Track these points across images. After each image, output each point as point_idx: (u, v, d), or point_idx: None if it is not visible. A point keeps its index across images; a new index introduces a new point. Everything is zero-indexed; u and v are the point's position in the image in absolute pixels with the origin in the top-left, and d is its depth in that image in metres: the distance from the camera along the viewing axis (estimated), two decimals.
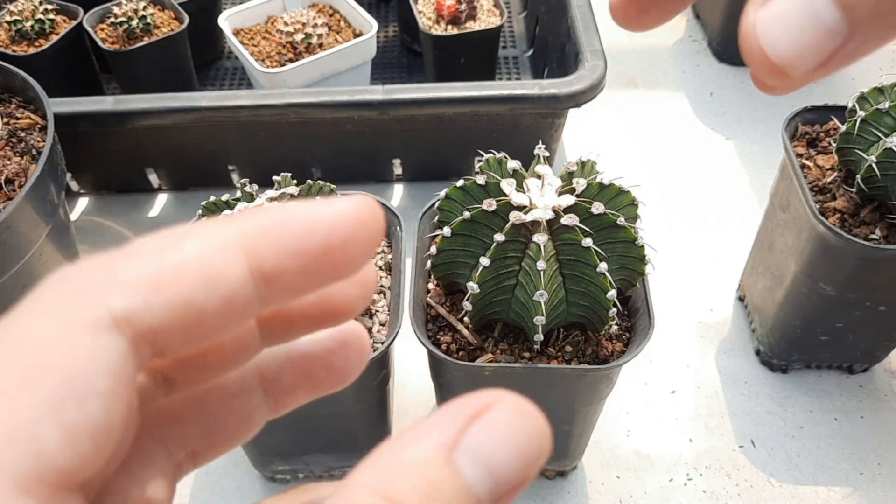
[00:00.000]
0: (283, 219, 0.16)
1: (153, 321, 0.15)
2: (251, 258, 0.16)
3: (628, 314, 0.60)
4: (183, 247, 0.16)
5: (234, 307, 0.16)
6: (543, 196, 0.51)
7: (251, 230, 0.16)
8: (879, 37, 0.16)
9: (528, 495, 0.73)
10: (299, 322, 0.20)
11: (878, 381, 0.82)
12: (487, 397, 0.15)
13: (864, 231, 0.65)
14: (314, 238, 0.16)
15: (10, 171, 0.72)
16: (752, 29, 0.17)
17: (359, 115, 0.90)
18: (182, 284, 0.15)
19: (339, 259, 0.16)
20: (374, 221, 0.17)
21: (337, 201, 0.17)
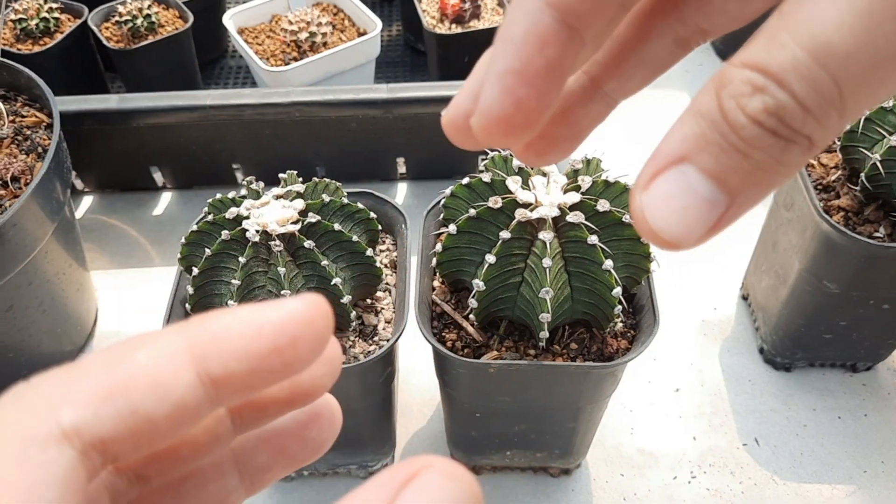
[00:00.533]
0: (231, 323, 0.17)
1: (102, 431, 0.16)
2: (199, 364, 0.16)
3: (633, 312, 0.60)
4: (132, 358, 0.16)
5: (184, 412, 0.16)
6: (549, 193, 0.51)
7: (199, 337, 0.17)
8: (756, 197, 0.17)
9: (532, 493, 0.73)
10: (270, 407, 0.21)
11: (882, 379, 0.82)
12: (418, 463, 0.16)
13: (868, 229, 0.65)
14: (261, 340, 0.17)
15: (17, 168, 0.72)
16: (640, 213, 0.18)
17: (363, 113, 0.90)
18: (130, 394, 0.16)
19: (287, 358, 0.17)
20: (321, 319, 0.17)
21: (285, 302, 0.17)
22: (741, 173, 0.16)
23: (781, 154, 0.16)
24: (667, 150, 0.18)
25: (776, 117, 0.16)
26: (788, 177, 0.17)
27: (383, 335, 0.61)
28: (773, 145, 0.16)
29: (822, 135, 0.16)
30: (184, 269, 0.59)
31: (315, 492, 0.74)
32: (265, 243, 0.53)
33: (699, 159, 0.17)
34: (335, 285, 0.55)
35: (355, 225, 0.59)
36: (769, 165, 0.16)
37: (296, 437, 0.22)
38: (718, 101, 0.16)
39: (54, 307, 0.78)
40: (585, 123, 0.23)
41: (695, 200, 0.17)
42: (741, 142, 0.16)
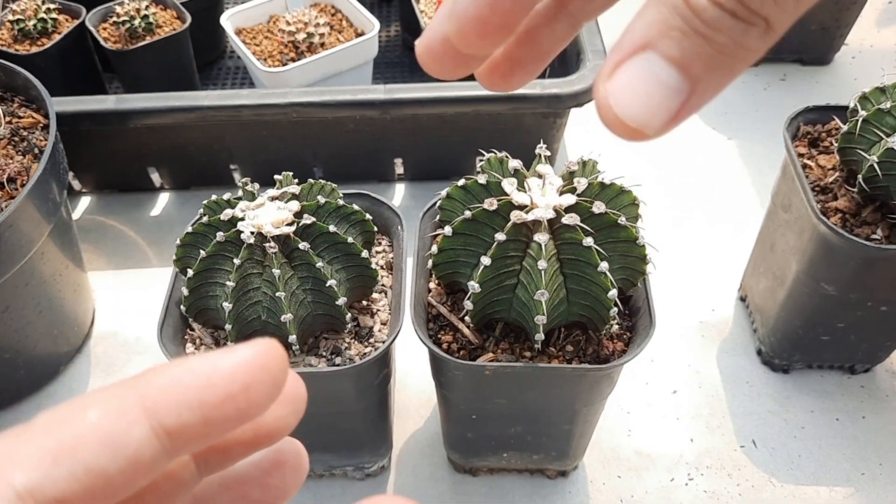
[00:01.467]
0: (181, 374, 0.17)
1: (56, 492, 0.16)
2: (152, 417, 0.17)
3: (629, 314, 0.60)
4: (82, 416, 0.16)
5: (139, 466, 0.16)
6: (545, 195, 0.51)
7: (149, 389, 0.17)
8: (717, 85, 0.18)
9: (528, 495, 0.73)
10: (233, 450, 0.21)
11: (880, 381, 0.82)
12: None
13: (865, 231, 0.65)
14: (213, 389, 0.17)
15: (13, 169, 0.72)
16: (604, 100, 0.18)
17: (360, 114, 0.90)
18: (82, 453, 0.16)
19: (241, 405, 0.17)
20: (274, 362, 0.17)
21: (236, 349, 0.17)
22: (703, 58, 0.17)
23: (741, 36, 0.16)
24: (630, 38, 0.18)
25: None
26: (747, 62, 0.17)
27: (379, 337, 0.61)
28: (732, 27, 0.16)
29: (779, 16, 0.17)
30: (179, 270, 0.59)
31: (312, 493, 0.74)
32: (260, 245, 0.53)
33: (662, 45, 0.17)
34: (330, 287, 0.55)
35: (351, 226, 0.59)
36: (729, 49, 0.17)
37: (258, 484, 0.22)
38: None
39: (51, 308, 0.78)
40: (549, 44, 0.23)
41: (658, 87, 0.17)
42: (702, 24, 0.16)
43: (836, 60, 1.22)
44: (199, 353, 0.59)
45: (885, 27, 1.30)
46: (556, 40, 0.23)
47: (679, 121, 0.18)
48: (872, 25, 1.30)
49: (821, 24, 1.15)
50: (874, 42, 1.27)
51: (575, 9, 0.23)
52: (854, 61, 1.23)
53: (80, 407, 0.17)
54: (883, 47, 1.26)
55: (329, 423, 0.64)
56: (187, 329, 0.61)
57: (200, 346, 0.60)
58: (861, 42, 1.26)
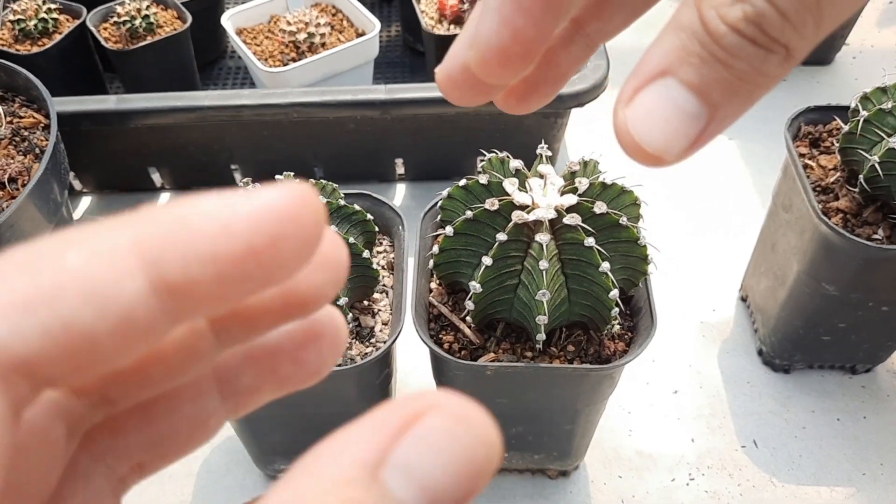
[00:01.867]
0: (192, 216, 0.13)
1: (24, 350, 0.12)
2: (151, 267, 0.13)
3: (630, 314, 0.60)
4: (62, 260, 0.13)
5: (134, 327, 0.13)
6: (546, 195, 0.51)
7: (150, 233, 0.13)
8: (736, 111, 0.18)
9: (530, 495, 0.73)
10: (259, 318, 0.17)
11: (881, 381, 0.82)
12: (422, 401, 0.13)
13: (866, 231, 0.65)
14: (232, 239, 0.13)
15: (14, 169, 0.72)
16: (623, 126, 0.18)
17: (361, 114, 0.90)
18: (60, 305, 0.13)
19: (266, 262, 0.13)
20: (309, 212, 0.14)
21: (262, 191, 0.14)
22: (722, 85, 0.17)
23: (761, 63, 0.16)
24: (649, 64, 0.18)
25: (755, 25, 0.16)
26: (766, 89, 0.17)
27: (380, 337, 0.61)
28: (752, 54, 0.16)
29: (799, 43, 0.16)
30: None
31: None
32: None
33: (681, 72, 0.17)
34: None
35: (352, 227, 0.59)
36: (749, 76, 0.17)
37: (290, 357, 0.18)
38: (699, 12, 0.17)
39: None
40: (566, 66, 0.23)
41: (677, 113, 0.17)
42: (722, 51, 0.16)
43: (836, 60, 1.22)
44: None
45: (885, 27, 1.30)
46: (573, 62, 0.23)
47: (698, 147, 0.18)
48: (873, 25, 1.30)
49: None
50: (875, 42, 1.26)
51: (592, 31, 0.23)
52: (855, 61, 1.23)
53: (61, 247, 0.13)
54: (884, 47, 1.26)
55: (330, 424, 0.64)
56: None
57: None
58: (862, 42, 1.26)
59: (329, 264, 0.17)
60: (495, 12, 0.18)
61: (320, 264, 0.17)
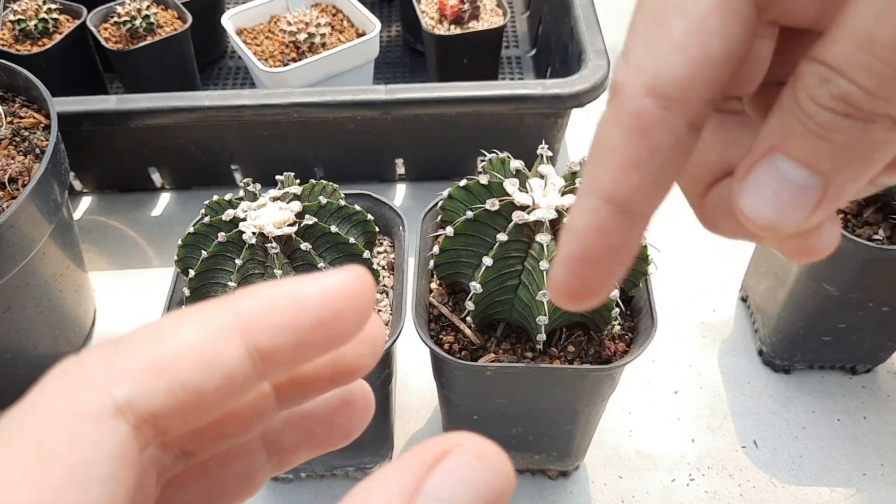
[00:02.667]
0: (276, 297, 0.17)
1: (154, 406, 0.16)
2: (247, 338, 0.17)
3: (631, 314, 0.60)
4: (180, 332, 0.17)
5: (233, 386, 0.17)
6: (546, 196, 0.51)
7: (246, 311, 0.17)
8: (855, 177, 0.18)
9: (530, 496, 0.73)
10: (313, 384, 0.21)
11: (881, 381, 0.82)
12: (448, 441, 0.16)
13: (867, 231, 0.65)
14: (307, 313, 0.17)
15: (14, 170, 0.72)
16: (738, 203, 0.19)
17: (362, 114, 0.90)
18: (181, 369, 0.16)
19: (332, 330, 0.17)
20: (365, 291, 0.18)
21: (329, 274, 0.18)
22: (829, 155, 0.17)
23: (864, 133, 0.17)
24: (759, 145, 0.19)
25: (844, 102, 0.16)
26: (887, 151, 0.17)
27: None
28: (850, 126, 0.17)
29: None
30: (180, 271, 0.59)
31: (312, 493, 0.74)
32: (262, 245, 0.53)
33: (787, 147, 0.18)
34: None
35: (352, 227, 0.59)
36: (854, 145, 0.17)
37: (324, 422, 0.22)
38: (794, 93, 0.17)
39: (52, 308, 0.78)
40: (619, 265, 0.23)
41: (785, 185, 0.18)
42: (819, 127, 0.17)
43: None
44: None
45: None
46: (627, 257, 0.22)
47: (819, 215, 0.18)
48: None
49: None
50: None
51: None
52: None
53: (178, 322, 0.17)
54: None
55: None
56: None
57: None
58: None
59: (370, 339, 0.21)
60: (564, 266, 0.19)
61: (363, 339, 0.20)
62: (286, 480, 0.74)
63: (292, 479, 0.74)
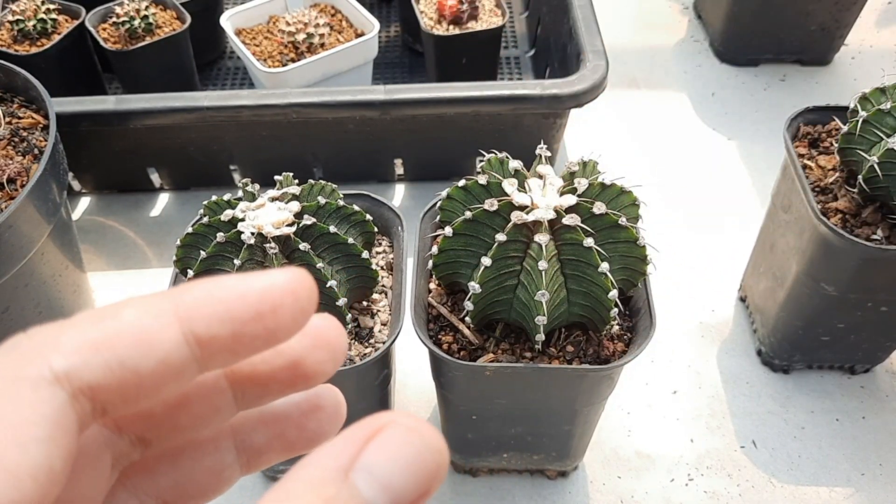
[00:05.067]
0: (217, 289, 0.18)
1: (91, 378, 0.16)
2: (184, 323, 0.17)
3: (630, 314, 0.60)
4: (121, 315, 0.17)
5: (169, 368, 0.17)
6: (545, 196, 0.51)
7: (185, 299, 0.18)
8: None
9: (529, 496, 0.73)
10: (270, 385, 0.21)
11: (880, 381, 0.82)
12: (382, 419, 0.17)
13: (865, 231, 0.65)
14: (245, 306, 0.18)
15: (12, 170, 0.72)
16: None
17: (360, 115, 0.90)
18: (118, 346, 0.17)
19: (269, 324, 0.18)
20: (304, 291, 0.18)
21: (269, 272, 0.18)
22: None
23: None
24: None
25: None
26: None
27: (379, 337, 0.61)
28: None
29: None
30: (179, 271, 0.59)
31: None
32: (260, 245, 0.53)
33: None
34: (330, 288, 0.54)
35: (351, 227, 0.59)
36: None
37: (295, 424, 0.23)
38: None
39: (51, 309, 0.77)
40: None
41: None
42: None
43: (835, 61, 1.22)
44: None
45: (884, 27, 1.30)
46: None
47: None
48: (872, 26, 1.30)
49: (821, 25, 1.15)
50: (874, 42, 1.27)
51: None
52: (854, 62, 1.23)
53: (119, 307, 0.18)
54: (883, 48, 1.26)
55: None
56: None
57: None
58: (861, 42, 1.26)
59: (331, 346, 0.21)
60: None
61: (323, 346, 0.21)
62: None
63: None
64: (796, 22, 1.15)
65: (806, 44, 1.18)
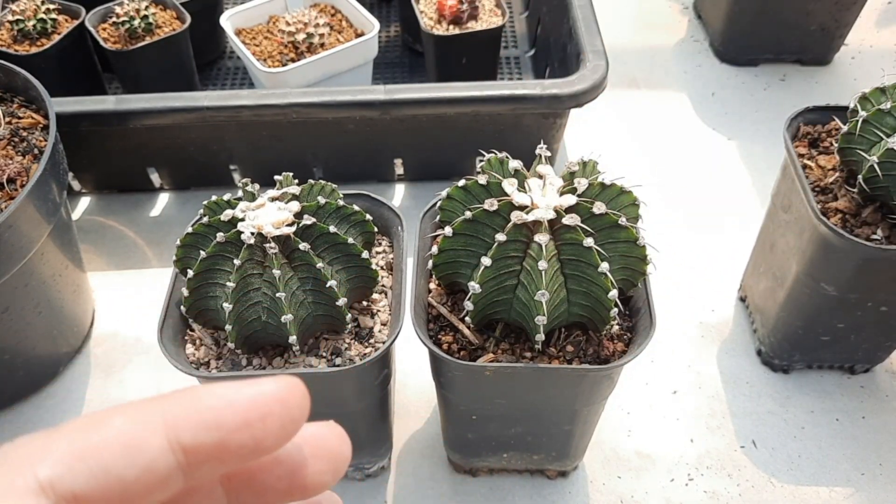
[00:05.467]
0: (205, 396, 0.18)
1: (75, 486, 0.17)
2: (171, 431, 0.17)
3: (629, 314, 0.60)
4: (109, 423, 0.18)
5: (154, 476, 0.17)
6: (545, 196, 0.51)
7: (172, 407, 0.18)
8: None
9: (529, 495, 0.73)
10: (267, 494, 0.21)
11: (880, 381, 0.82)
12: None
13: (865, 231, 0.65)
14: (232, 414, 0.18)
15: (12, 170, 0.72)
16: None
17: (360, 114, 0.90)
18: (104, 454, 0.17)
19: (257, 433, 0.18)
20: (295, 399, 0.18)
21: (261, 380, 0.19)
22: None
23: None
24: None
25: None
26: None
27: (379, 337, 0.61)
28: None
29: None
30: (179, 271, 0.59)
31: None
32: (260, 245, 0.53)
33: None
34: (330, 288, 0.54)
35: (351, 227, 0.59)
36: None
37: None
38: None
39: (51, 309, 0.78)
40: None
41: None
42: None
43: (835, 61, 1.22)
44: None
45: (884, 27, 1.30)
46: None
47: None
48: (872, 26, 1.30)
49: (821, 25, 1.15)
50: (874, 42, 1.27)
51: None
52: (854, 61, 1.23)
53: (109, 414, 0.18)
54: (883, 47, 1.26)
55: None
56: (187, 330, 0.61)
57: (200, 346, 0.60)
58: (861, 42, 1.26)
59: (332, 457, 0.21)
60: None
61: (324, 456, 0.21)
62: None
63: None
64: (796, 22, 1.15)
65: (806, 44, 1.18)
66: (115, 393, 0.82)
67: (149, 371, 0.84)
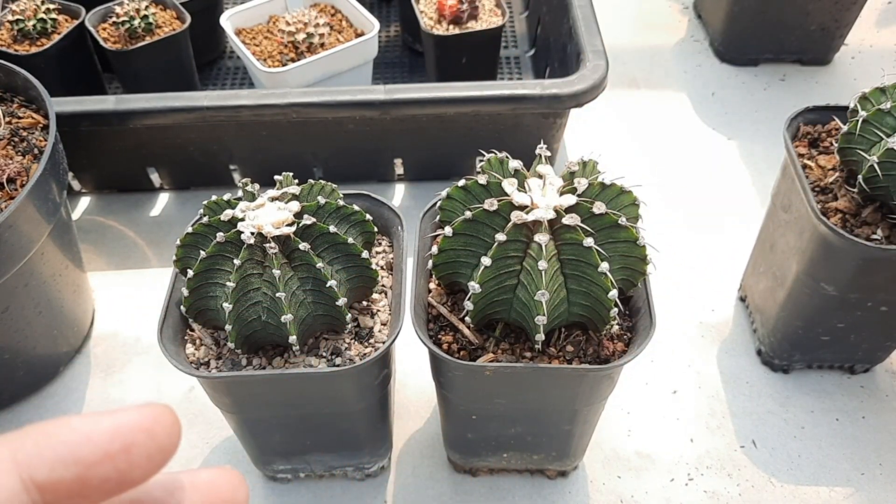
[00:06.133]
0: (59, 430, 0.17)
1: None
2: (23, 469, 0.17)
3: (629, 314, 0.60)
4: None
5: None
6: (545, 196, 0.51)
7: (25, 444, 0.17)
8: None
9: (529, 495, 0.73)
10: None
11: (880, 381, 0.82)
12: None
13: (865, 231, 0.65)
14: (90, 446, 0.17)
15: (12, 170, 0.72)
16: None
17: (360, 114, 0.90)
18: None
19: (121, 464, 0.17)
20: (161, 428, 0.18)
21: (123, 411, 0.18)
22: None
23: None
24: None
25: None
26: None
27: (379, 337, 0.61)
28: None
29: None
30: (179, 271, 0.59)
31: (311, 493, 0.73)
32: (260, 245, 0.53)
33: None
34: (330, 287, 0.54)
35: (351, 227, 0.59)
36: None
37: None
38: None
39: (51, 309, 0.78)
40: None
41: None
42: None
43: (835, 60, 1.22)
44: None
45: (884, 27, 1.30)
46: None
47: None
48: (872, 25, 1.30)
49: (821, 25, 1.15)
50: (874, 42, 1.27)
51: None
52: (854, 61, 1.23)
53: None
54: (882, 47, 1.26)
55: (329, 424, 0.64)
56: (187, 329, 0.61)
57: (200, 346, 0.60)
58: (861, 42, 1.26)
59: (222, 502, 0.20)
60: None
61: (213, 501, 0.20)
62: (284, 481, 0.74)
63: (291, 479, 0.74)
64: (796, 22, 1.15)
65: (806, 44, 1.18)
66: (114, 393, 0.82)
67: (149, 371, 0.84)
